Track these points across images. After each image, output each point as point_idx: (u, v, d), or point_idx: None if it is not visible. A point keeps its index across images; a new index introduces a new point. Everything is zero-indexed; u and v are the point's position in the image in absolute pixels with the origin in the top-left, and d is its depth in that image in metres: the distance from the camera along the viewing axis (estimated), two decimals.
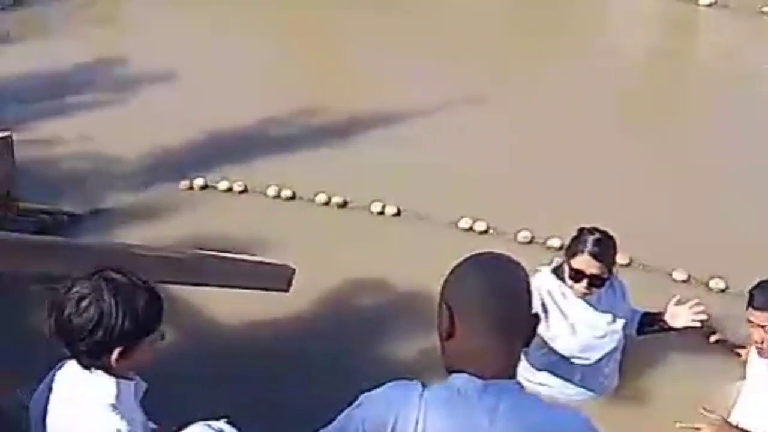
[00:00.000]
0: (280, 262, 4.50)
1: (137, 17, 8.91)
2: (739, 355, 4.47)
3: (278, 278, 4.38)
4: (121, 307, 2.48)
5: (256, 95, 7.30)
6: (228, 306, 4.88)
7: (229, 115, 7.06)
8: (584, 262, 4.08)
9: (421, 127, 7.01)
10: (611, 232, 4.16)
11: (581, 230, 4.17)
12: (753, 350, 4.06)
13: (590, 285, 4.13)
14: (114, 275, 2.53)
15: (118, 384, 2.54)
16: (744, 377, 4.20)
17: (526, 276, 2.18)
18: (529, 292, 2.16)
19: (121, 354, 2.50)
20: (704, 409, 3.76)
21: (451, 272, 2.18)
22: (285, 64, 8.03)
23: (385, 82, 7.66)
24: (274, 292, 4.47)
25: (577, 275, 4.12)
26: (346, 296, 5.30)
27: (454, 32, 8.55)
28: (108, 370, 2.53)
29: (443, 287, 2.17)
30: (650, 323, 4.44)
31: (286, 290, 4.44)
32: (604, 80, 7.80)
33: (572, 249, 4.14)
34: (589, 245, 4.07)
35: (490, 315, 2.09)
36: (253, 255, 5.11)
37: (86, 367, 2.54)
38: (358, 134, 6.91)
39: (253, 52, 8.08)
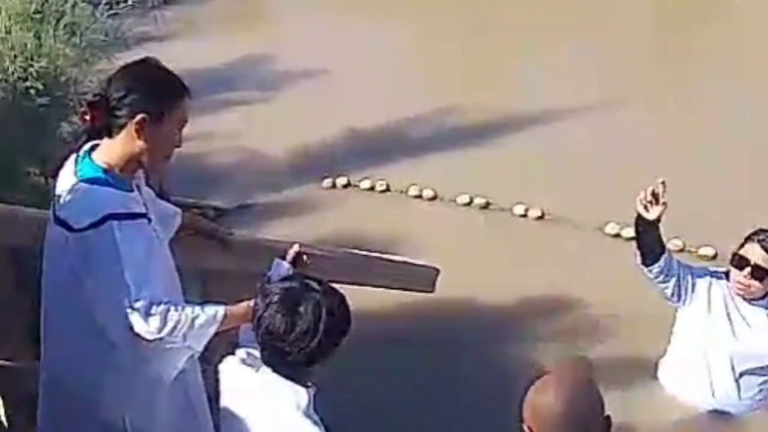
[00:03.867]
0: (425, 263, 4.45)
1: (284, 15, 9.04)
2: None
3: (423, 279, 4.33)
4: (338, 314, 2.53)
5: (401, 94, 7.29)
6: (366, 304, 4.86)
7: (373, 113, 7.08)
8: (751, 249, 4.00)
9: (567, 129, 6.86)
10: None
11: (758, 230, 4.06)
12: None
13: (752, 275, 3.98)
14: (315, 282, 2.56)
15: (308, 392, 2.54)
16: None
17: (598, 393, 2.50)
18: (602, 405, 2.47)
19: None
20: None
21: (530, 392, 2.46)
22: (430, 63, 8.00)
23: (532, 83, 7.55)
24: (416, 293, 4.42)
25: (741, 262, 4.01)
26: (488, 299, 5.22)
27: (604, 33, 8.33)
28: (305, 378, 2.53)
29: (523, 404, 2.45)
30: None
31: (431, 291, 4.38)
32: (759, 82, 7.45)
33: (743, 242, 4.04)
34: (761, 236, 3.97)
35: None
36: (394, 254, 5.09)
37: (286, 375, 2.52)
38: (502, 135, 6.81)
39: (399, 50, 8.08)
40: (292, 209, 6.02)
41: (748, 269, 4.00)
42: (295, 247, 3.05)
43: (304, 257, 3.05)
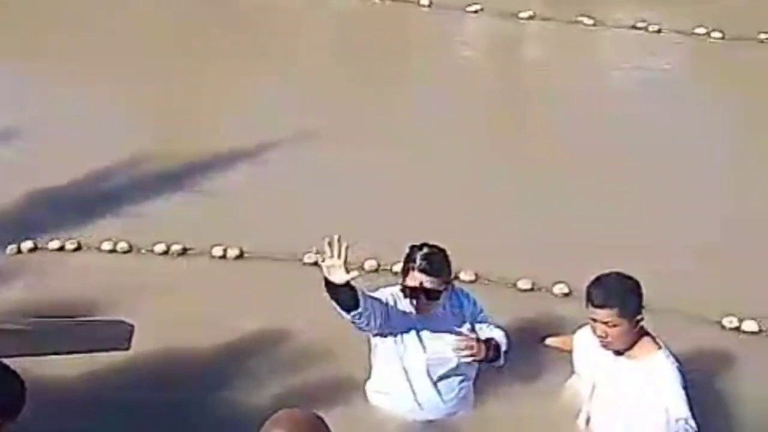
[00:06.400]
0: (116, 319, 4.32)
1: None
2: (568, 351, 4.54)
3: (117, 337, 4.21)
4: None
5: (82, 148, 7.00)
6: (65, 366, 4.65)
7: (60, 170, 6.74)
8: (416, 278, 4.17)
9: (258, 165, 6.87)
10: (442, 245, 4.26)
11: (411, 248, 4.25)
12: (583, 343, 4.18)
13: (428, 299, 4.19)
14: None
15: None
16: (573, 371, 4.41)
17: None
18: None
19: None
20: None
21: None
22: (114, 114, 7.73)
23: (222, 122, 7.48)
24: (112, 352, 4.29)
25: (413, 292, 4.18)
26: (193, 345, 5.15)
27: (290, 68, 8.38)
28: None
29: None
30: None
31: (127, 348, 4.27)
32: (439, 101, 7.81)
33: (404, 268, 4.23)
34: (419, 261, 4.17)
35: None
36: (91, 315, 4.92)
37: None
38: (191, 179, 6.72)
39: (79, 105, 7.75)
40: None
41: (422, 296, 4.20)
42: None
43: None
